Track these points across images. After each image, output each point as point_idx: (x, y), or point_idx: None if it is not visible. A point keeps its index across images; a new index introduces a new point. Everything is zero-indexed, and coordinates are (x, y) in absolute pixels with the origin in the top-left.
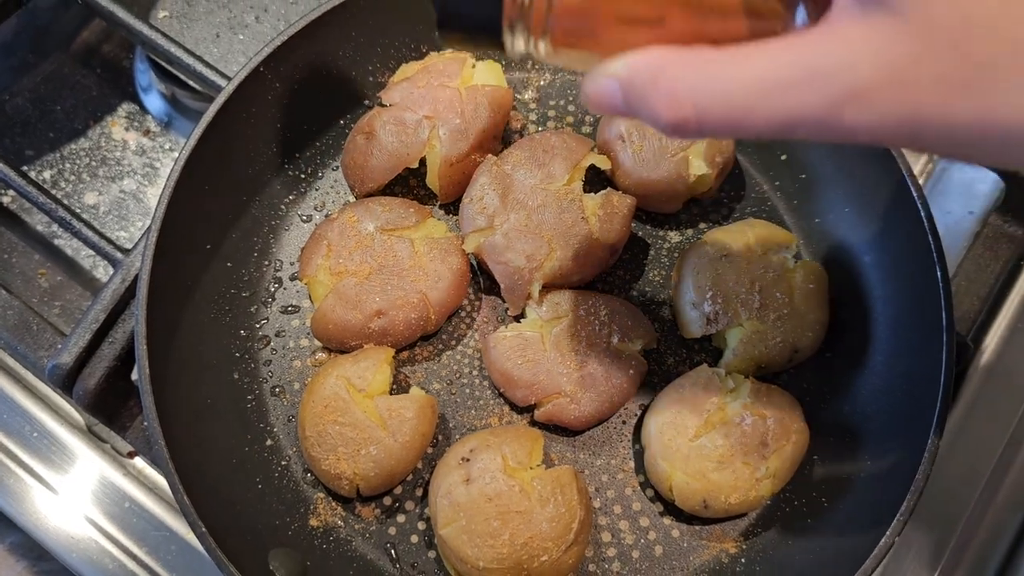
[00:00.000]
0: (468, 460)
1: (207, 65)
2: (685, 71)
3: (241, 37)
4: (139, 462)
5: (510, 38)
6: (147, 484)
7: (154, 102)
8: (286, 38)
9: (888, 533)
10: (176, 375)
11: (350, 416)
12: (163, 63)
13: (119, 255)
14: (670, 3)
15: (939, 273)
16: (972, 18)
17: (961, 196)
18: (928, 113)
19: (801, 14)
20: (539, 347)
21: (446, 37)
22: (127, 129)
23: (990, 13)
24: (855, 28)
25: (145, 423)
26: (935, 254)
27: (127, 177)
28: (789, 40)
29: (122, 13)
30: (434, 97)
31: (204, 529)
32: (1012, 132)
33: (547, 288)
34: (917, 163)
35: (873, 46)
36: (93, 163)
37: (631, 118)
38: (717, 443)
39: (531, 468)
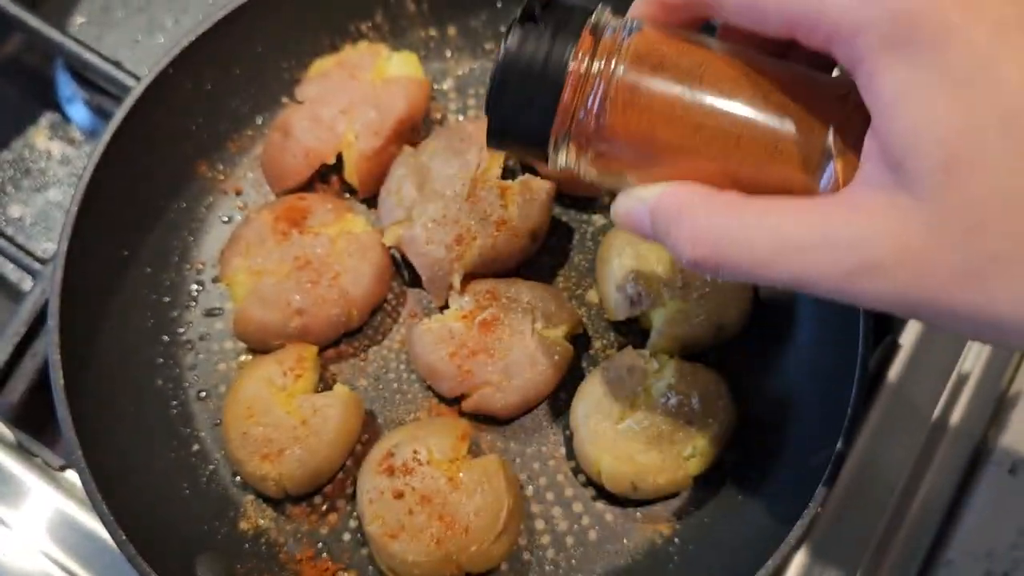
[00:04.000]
0: (393, 455)
1: (123, 70)
2: (710, 213)
3: (161, 40)
4: (71, 475)
5: (554, 154)
6: (79, 496)
7: (78, 112)
8: (193, 38)
9: (811, 504)
10: (95, 384)
11: (272, 417)
12: (79, 71)
13: (37, 266)
14: (707, 143)
15: None
16: (986, 209)
17: None
18: (932, 297)
19: (826, 178)
20: (463, 337)
21: (498, 147)
22: (50, 139)
23: (1005, 205)
24: (876, 204)
25: (62, 433)
26: None
27: (52, 187)
28: (813, 202)
29: (34, 21)
30: (348, 91)
31: (124, 537)
32: (1005, 324)
33: (469, 277)
34: None
35: (890, 225)
36: (17, 175)
37: (655, 241)
38: (643, 424)
39: (457, 459)
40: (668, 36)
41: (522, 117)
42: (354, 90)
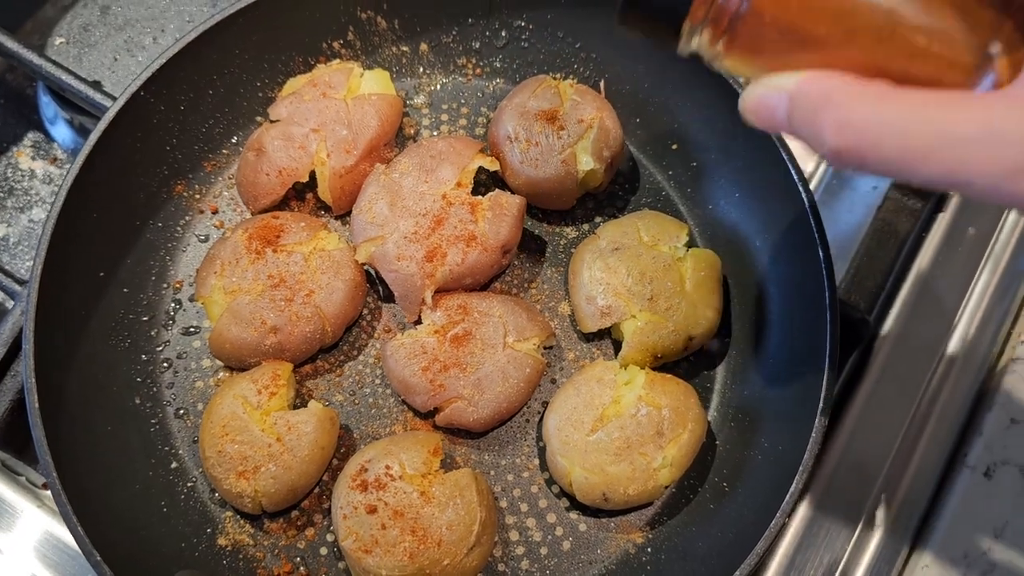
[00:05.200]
0: (366, 470)
1: (101, 91)
2: (861, 101)
3: (140, 59)
4: None
5: (688, 34)
6: (54, 508)
7: (61, 132)
8: (164, 61)
9: (779, 514)
10: (73, 404)
11: (247, 434)
12: (58, 91)
13: (17, 287)
14: (860, 31)
15: (821, 252)
16: None
17: None
18: None
19: (989, 79)
20: (435, 352)
21: (626, 21)
22: (34, 158)
23: None
24: None
25: (37, 456)
26: (816, 233)
27: (36, 207)
28: (977, 97)
29: (12, 44)
30: (321, 109)
31: (99, 558)
32: None
33: (441, 292)
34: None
35: None
36: (1, 194)
37: (787, 133)
38: (613, 436)
39: (430, 473)
40: None
41: None
42: (326, 108)
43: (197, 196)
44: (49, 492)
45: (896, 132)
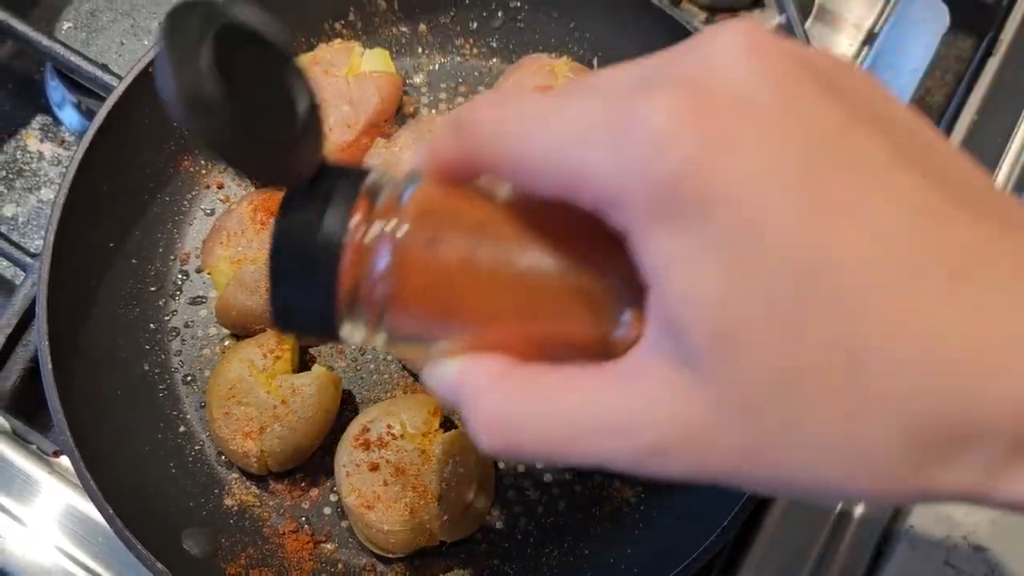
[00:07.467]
0: (368, 429)
1: (109, 72)
2: (502, 398)
3: (146, 43)
4: (64, 461)
5: (346, 334)
6: (73, 481)
7: (68, 115)
8: None
9: None
10: (83, 370)
11: (253, 396)
12: (67, 73)
13: (29, 260)
14: (496, 306)
15: None
16: (759, 389)
17: None
18: (723, 474)
19: (622, 330)
20: None
21: (282, 332)
22: (42, 140)
23: (776, 383)
24: (657, 378)
25: (51, 417)
26: None
27: (44, 187)
28: (600, 378)
29: (23, 27)
30: (322, 87)
31: (111, 511)
32: (802, 492)
33: None
34: None
35: (672, 406)
36: (9, 175)
37: None
38: None
39: (430, 433)
40: (449, 191)
41: (303, 298)
42: (328, 86)
43: (203, 172)
44: (61, 461)
45: (532, 430)
